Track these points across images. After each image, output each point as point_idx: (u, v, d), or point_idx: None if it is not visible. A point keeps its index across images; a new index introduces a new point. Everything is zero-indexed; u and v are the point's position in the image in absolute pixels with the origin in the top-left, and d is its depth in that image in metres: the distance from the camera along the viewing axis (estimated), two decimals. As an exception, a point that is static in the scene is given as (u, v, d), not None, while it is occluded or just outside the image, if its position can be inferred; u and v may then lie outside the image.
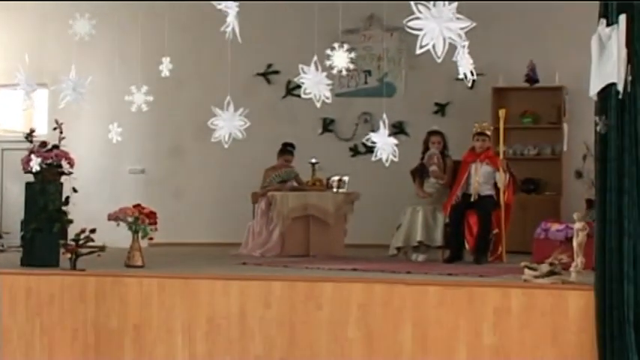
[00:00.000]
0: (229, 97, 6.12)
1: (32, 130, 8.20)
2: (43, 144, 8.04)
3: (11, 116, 11.64)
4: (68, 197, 7.92)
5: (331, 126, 11.52)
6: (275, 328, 6.94)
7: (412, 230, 9.11)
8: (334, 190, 10.01)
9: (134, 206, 8.08)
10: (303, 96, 5.78)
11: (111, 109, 9.78)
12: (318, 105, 5.75)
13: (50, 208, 7.77)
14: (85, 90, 7.20)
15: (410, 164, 9.25)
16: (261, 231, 9.79)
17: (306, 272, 7.81)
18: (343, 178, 10.10)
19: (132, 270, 7.73)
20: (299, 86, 5.79)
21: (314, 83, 5.71)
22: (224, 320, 7.05)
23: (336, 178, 10.09)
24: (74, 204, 7.96)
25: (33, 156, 7.76)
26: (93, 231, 7.66)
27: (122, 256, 8.00)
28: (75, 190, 7.89)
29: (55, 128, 8.03)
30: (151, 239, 8.21)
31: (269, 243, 9.67)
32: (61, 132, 7.99)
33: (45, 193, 7.78)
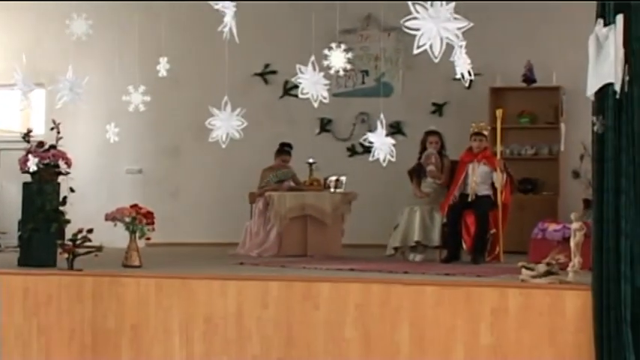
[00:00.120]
0: (227, 97, 6.11)
1: (29, 130, 8.19)
2: (41, 144, 8.02)
3: (8, 116, 11.62)
4: (65, 197, 7.90)
5: (329, 126, 11.52)
6: (272, 328, 6.94)
7: (410, 230, 9.10)
8: (332, 190, 10.01)
9: (131, 206, 8.06)
10: (300, 96, 5.79)
11: (108, 109, 9.83)
12: (315, 105, 5.76)
13: (47, 208, 7.76)
14: (82, 90, 7.17)
15: (407, 164, 9.25)
16: (258, 231, 9.78)
17: (303, 272, 7.81)
18: (341, 178, 10.09)
19: (129, 270, 7.72)
20: (296, 86, 5.80)
21: (311, 83, 5.72)
22: (221, 320, 7.05)
23: (334, 178, 10.07)
24: (71, 204, 7.95)
25: (30, 156, 7.75)
26: (90, 231, 7.65)
27: (119, 256, 7.99)
28: (72, 190, 7.87)
29: (53, 128, 8.02)
30: (149, 239, 8.20)
31: (266, 243, 9.67)
32: (59, 132, 7.98)
33: (42, 193, 7.77)
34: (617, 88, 6.11)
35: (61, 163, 7.88)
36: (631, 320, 6.11)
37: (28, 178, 7.93)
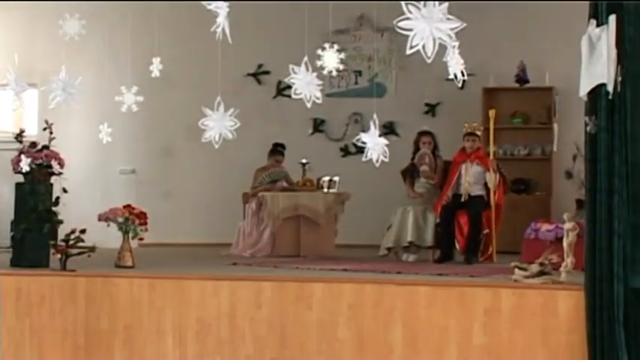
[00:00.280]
0: (220, 98, 6.10)
1: (22, 131, 8.17)
2: (33, 144, 8.01)
3: (1, 116, 11.58)
4: (58, 197, 7.89)
5: (322, 126, 11.50)
6: (265, 329, 6.94)
7: (403, 230, 9.10)
8: (325, 191, 9.99)
9: (124, 207, 8.06)
10: (293, 96, 5.77)
11: (101, 110, 9.76)
12: (308, 105, 5.75)
13: (40, 209, 7.75)
14: (75, 90, 7.17)
15: (400, 164, 9.25)
16: (251, 231, 9.77)
17: (296, 272, 7.80)
18: (334, 179, 10.07)
19: (122, 270, 7.71)
20: (289, 86, 5.78)
21: (304, 83, 5.71)
22: (214, 320, 7.04)
23: (327, 179, 10.06)
24: (64, 204, 7.94)
25: (23, 156, 7.73)
26: (83, 231, 7.64)
27: (112, 257, 7.98)
28: (65, 191, 7.86)
29: (45, 128, 8.01)
30: (142, 240, 8.20)
31: (259, 243, 9.66)
32: (51, 132, 7.97)
33: (35, 194, 7.75)
34: (609, 89, 6.13)
35: (54, 164, 7.86)
36: (623, 320, 6.13)
37: (21, 179, 7.90)
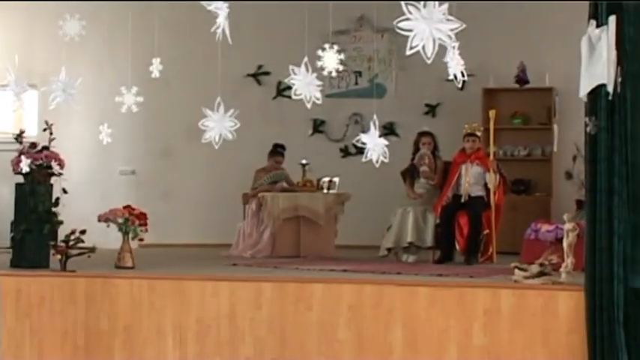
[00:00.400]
0: (220, 98, 6.09)
1: (22, 131, 8.17)
2: (33, 145, 8.01)
3: (1, 117, 11.57)
4: (58, 198, 7.89)
5: (322, 127, 11.48)
6: (265, 330, 6.94)
7: (403, 231, 9.09)
8: (325, 191, 9.98)
9: (124, 207, 8.06)
10: (293, 97, 5.76)
11: (101, 110, 9.78)
12: (308, 106, 5.74)
13: (40, 210, 7.74)
14: (75, 91, 7.14)
15: (400, 165, 9.24)
16: (251, 232, 9.75)
17: (296, 273, 7.80)
18: (334, 179, 10.05)
19: (122, 271, 7.71)
20: (289, 87, 5.77)
21: (304, 84, 5.69)
22: (214, 321, 7.04)
23: (327, 179, 10.04)
24: (64, 205, 7.93)
25: (23, 157, 7.73)
26: (83, 232, 7.64)
27: (112, 258, 7.98)
28: (65, 192, 7.86)
29: (45, 129, 8.01)
30: (142, 240, 8.20)
31: (259, 244, 9.64)
32: (51, 133, 7.97)
33: (35, 195, 7.75)
34: (609, 89, 6.13)
35: (54, 164, 7.86)
36: (624, 321, 6.13)
37: (21, 179, 7.90)
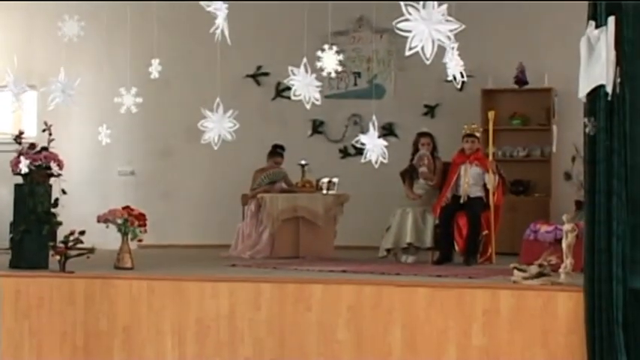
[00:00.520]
0: (219, 99, 6.07)
1: (21, 132, 8.19)
2: (32, 146, 8.01)
3: (0, 118, 11.57)
4: (57, 199, 7.89)
5: (321, 128, 11.47)
6: (264, 330, 6.94)
7: (402, 232, 9.08)
8: (324, 192, 9.97)
9: (123, 208, 8.06)
10: (292, 98, 5.73)
11: (100, 111, 9.72)
12: (307, 107, 5.71)
13: (39, 210, 7.74)
14: (74, 92, 7.09)
15: (399, 166, 9.23)
16: (250, 233, 9.75)
17: (295, 274, 7.79)
18: (333, 180, 10.05)
19: (121, 272, 7.71)
20: (289, 88, 5.74)
21: (304, 85, 5.66)
22: (213, 322, 7.04)
23: (326, 180, 10.04)
24: (63, 206, 7.94)
25: (22, 158, 7.72)
26: (82, 233, 7.65)
27: (111, 258, 7.98)
28: (64, 192, 7.86)
29: (44, 130, 8.01)
30: (141, 241, 8.20)
31: (258, 245, 9.64)
32: (50, 134, 7.98)
33: (34, 195, 7.75)
34: (608, 90, 6.12)
35: (53, 165, 7.86)
36: (623, 322, 6.13)
37: (20, 180, 7.90)
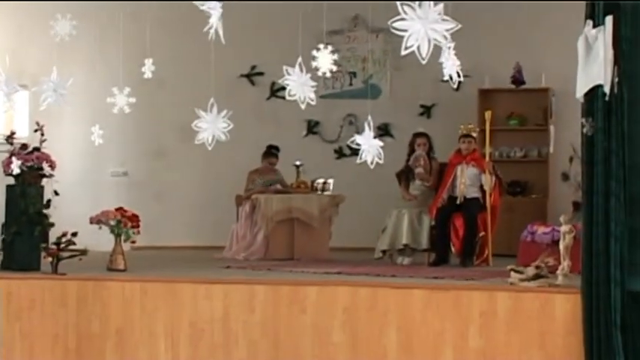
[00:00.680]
0: (213, 99, 6.07)
1: (13, 133, 8.15)
2: (24, 146, 7.98)
3: (-8, 118, 11.52)
4: (49, 200, 7.86)
5: (316, 128, 11.44)
6: (259, 333, 6.94)
7: (398, 233, 9.05)
8: (319, 193, 9.95)
9: (116, 209, 8.05)
10: (287, 98, 5.73)
11: (93, 111, 9.74)
12: (302, 107, 5.72)
13: (31, 211, 7.71)
14: (66, 92, 7.12)
15: (395, 166, 9.21)
16: (245, 234, 9.73)
17: (290, 276, 7.79)
18: (328, 181, 10.04)
19: (114, 274, 7.69)
20: (283, 88, 5.75)
21: (298, 85, 5.67)
22: (207, 324, 7.03)
23: (321, 181, 10.02)
24: (55, 207, 7.90)
25: (14, 158, 7.70)
26: (74, 234, 7.63)
27: (104, 260, 7.95)
28: (56, 193, 7.82)
29: (36, 130, 7.98)
30: (134, 242, 8.19)
31: (253, 246, 9.61)
32: (42, 134, 7.95)
33: (26, 196, 7.72)
34: (606, 90, 6.12)
35: (45, 166, 7.83)
36: (621, 324, 6.13)
37: (12, 181, 7.86)
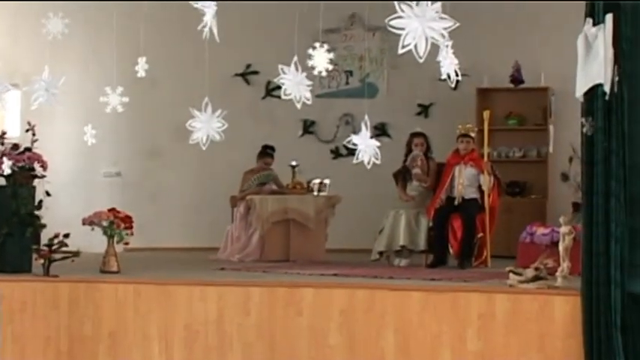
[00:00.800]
0: (207, 98, 6.04)
1: (4, 132, 8.12)
2: (15, 146, 7.96)
3: (-17, 118, 11.49)
4: (41, 201, 7.84)
5: (312, 128, 11.43)
6: (254, 335, 6.93)
7: (395, 234, 9.03)
8: (315, 194, 9.92)
9: (109, 210, 8.03)
10: (283, 97, 5.70)
11: (85, 111, 9.75)
12: (298, 106, 5.68)
13: (22, 213, 7.68)
14: (58, 91, 7.08)
15: (392, 167, 9.19)
16: (240, 235, 9.70)
17: (286, 278, 7.79)
18: (324, 181, 10.01)
19: (107, 276, 7.69)
20: (279, 87, 5.71)
21: (294, 84, 5.65)
22: (202, 327, 7.03)
23: (317, 181, 9.99)
24: (47, 208, 7.88)
25: (5, 159, 7.65)
26: (67, 236, 7.61)
27: (97, 262, 7.93)
28: (48, 194, 7.80)
29: (28, 130, 7.95)
30: (127, 244, 8.18)
31: (248, 248, 9.59)
32: (34, 134, 7.92)
33: (17, 197, 7.69)
34: (606, 89, 6.10)
35: (37, 166, 7.80)
36: (621, 325, 6.11)
37: (3, 182, 7.83)
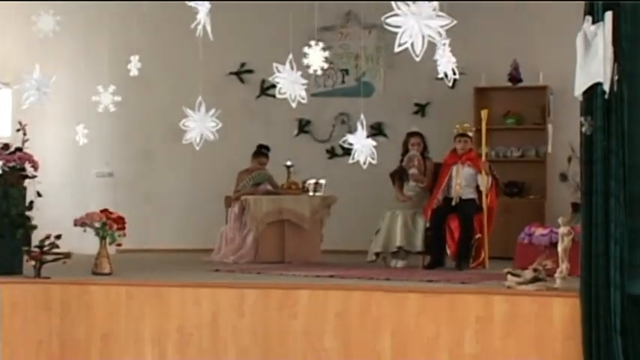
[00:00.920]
0: (201, 98, 6.05)
1: (-6, 132, 8.11)
2: (6, 146, 7.91)
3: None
4: (32, 202, 7.80)
5: (307, 127, 11.43)
6: (248, 338, 6.91)
7: (391, 235, 9.00)
8: (310, 194, 9.91)
9: (101, 211, 7.99)
10: (277, 96, 5.72)
11: (77, 110, 9.77)
12: (293, 105, 5.70)
13: (13, 213, 7.64)
14: (50, 90, 7.11)
15: (389, 167, 9.18)
16: (234, 236, 9.68)
17: (281, 279, 7.77)
18: (320, 182, 10.00)
19: (99, 277, 7.65)
20: (274, 86, 5.74)
21: (289, 83, 5.70)
22: (195, 329, 7.00)
23: (313, 182, 9.98)
24: (38, 209, 7.84)
25: (-5, 159, 7.68)
26: (58, 237, 7.56)
27: (89, 263, 7.91)
28: (39, 195, 7.77)
29: (19, 130, 7.90)
30: (119, 245, 8.14)
31: (242, 249, 9.56)
32: (25, 134, 7.87)
33: (7, 198, 7.65)
34: (606, 88, 6.08)
35: (28, 166, 7.75)
36: (621, 328, 6.08)
37: (-7, 182, 7.84)
